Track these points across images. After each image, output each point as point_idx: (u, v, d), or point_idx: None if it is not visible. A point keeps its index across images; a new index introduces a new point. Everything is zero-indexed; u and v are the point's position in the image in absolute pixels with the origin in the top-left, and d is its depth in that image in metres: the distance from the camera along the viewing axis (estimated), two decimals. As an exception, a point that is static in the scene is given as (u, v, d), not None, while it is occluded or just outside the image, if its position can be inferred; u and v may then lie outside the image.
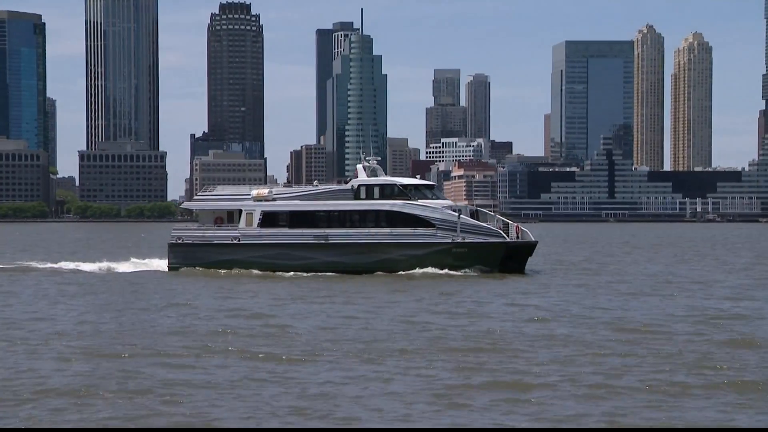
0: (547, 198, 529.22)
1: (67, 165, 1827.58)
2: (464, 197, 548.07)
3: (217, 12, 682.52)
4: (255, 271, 75.38)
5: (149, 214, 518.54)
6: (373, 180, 78.91)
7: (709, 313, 48.00)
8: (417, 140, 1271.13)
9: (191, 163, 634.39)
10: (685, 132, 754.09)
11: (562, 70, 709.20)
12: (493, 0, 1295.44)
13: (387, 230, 75.65)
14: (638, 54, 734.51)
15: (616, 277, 74.02)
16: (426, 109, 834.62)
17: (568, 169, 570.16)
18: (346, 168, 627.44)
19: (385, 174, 79.73)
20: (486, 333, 40.46)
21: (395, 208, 75.60)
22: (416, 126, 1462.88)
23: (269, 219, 78.21)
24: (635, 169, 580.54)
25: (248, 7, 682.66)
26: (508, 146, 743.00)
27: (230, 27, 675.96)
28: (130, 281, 69.79)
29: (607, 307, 50.91)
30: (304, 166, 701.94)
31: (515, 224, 77.54)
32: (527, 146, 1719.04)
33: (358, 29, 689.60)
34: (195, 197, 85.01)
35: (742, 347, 36.41)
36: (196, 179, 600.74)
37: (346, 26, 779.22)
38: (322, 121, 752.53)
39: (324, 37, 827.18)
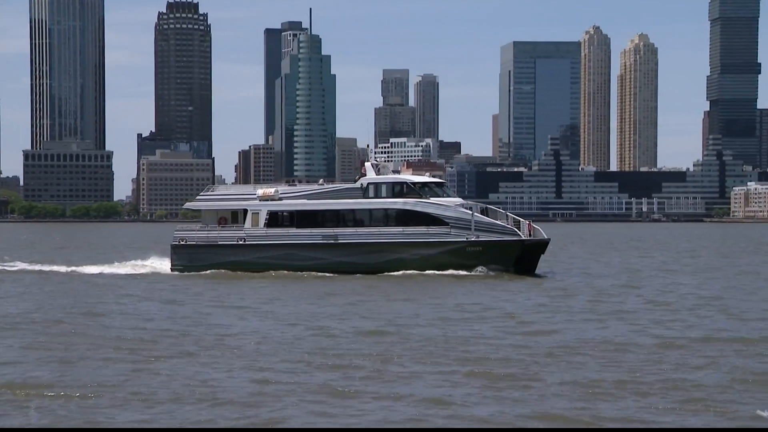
0: (495, 198, 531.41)
1: (11, 164, 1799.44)
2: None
3: (164, 11, 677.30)
4: (284, 272, 73.23)
5: (95, 214, 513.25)
6: (382, 178, 76.80)
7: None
8: (366, 140, 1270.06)
9: (138, 162, 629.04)
10: (631, 132, 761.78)
11: (510, 71, 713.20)
12: (441, 0, 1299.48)
13: (399, 229, 73.99)
14: (585, 55, 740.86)
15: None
16: (375, 109, 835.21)
17: (516, 169, 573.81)
18: (295, 168, 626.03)
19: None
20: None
21: (407, 207, 74.05)
22: (365, 126, 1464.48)
23: (276, 219, 76.45)
24: (582, 169, 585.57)
25: (196, 6, 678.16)
26: (456, 146, 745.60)
27: (178, 26, 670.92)
28: (171, 284, 66.50)
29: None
30: (252, 166, 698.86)
31: (527, 222, 75.97)
32: (475, 146, 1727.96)
33: (306, 29, 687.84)
34: (198, 197, 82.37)
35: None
36: (143, 179, 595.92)
37: (294, 26, 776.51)
38: (270, 120, 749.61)
39: (272, 37, 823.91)
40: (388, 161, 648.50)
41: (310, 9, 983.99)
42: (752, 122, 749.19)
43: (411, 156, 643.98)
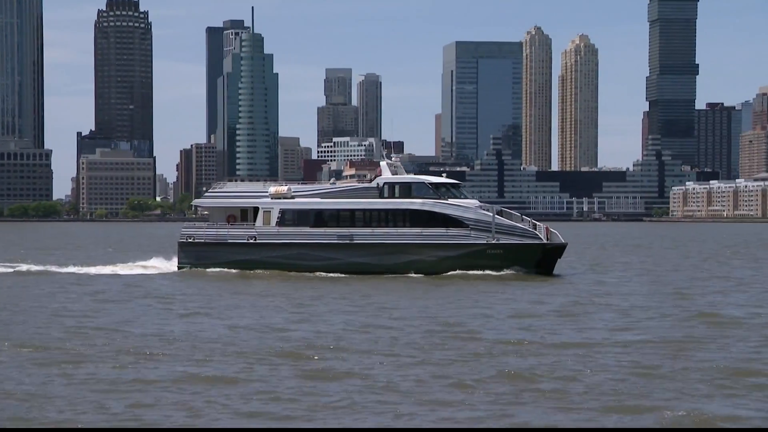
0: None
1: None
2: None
3: (104, 8, 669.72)
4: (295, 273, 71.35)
5: (33, 214, 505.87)
6: (400, 178, 75.29)
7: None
8: (308, 139, 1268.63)
9: (78, 161, 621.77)
10: (572, 132, 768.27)
11: (452, 71, 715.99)
12: (384, 0, 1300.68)
13: (417, 230, 72.18)
14: (527, 55, 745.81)
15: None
16: (317, 108, 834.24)
17: (458, 169, 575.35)
18: (237, 167, 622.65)
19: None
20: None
21: (425, 207, 72.44)
22: (308, 125, 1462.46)
23: (289, 217, 74.60)
24: (524, 169, 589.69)
25: (136, 4, 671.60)
26: (399, 146, 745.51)
27: (118, 24, 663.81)
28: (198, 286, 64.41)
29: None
30: (194, 165, 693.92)
31: (544, 225, 74.87)
32: (418, 146, 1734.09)
33: (248, 27, 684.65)
34: (206, 194, 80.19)
35: None
36: (83, 178, 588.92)
37: (236, 24, 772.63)
38: (212, 119, 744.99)
39: (214, 35, 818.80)
40: (331, 161, 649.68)
41: (252, 7, 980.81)
42: (691, 123, 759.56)
43: (354, 155, 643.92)
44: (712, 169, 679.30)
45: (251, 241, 74.61)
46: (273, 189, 76.45)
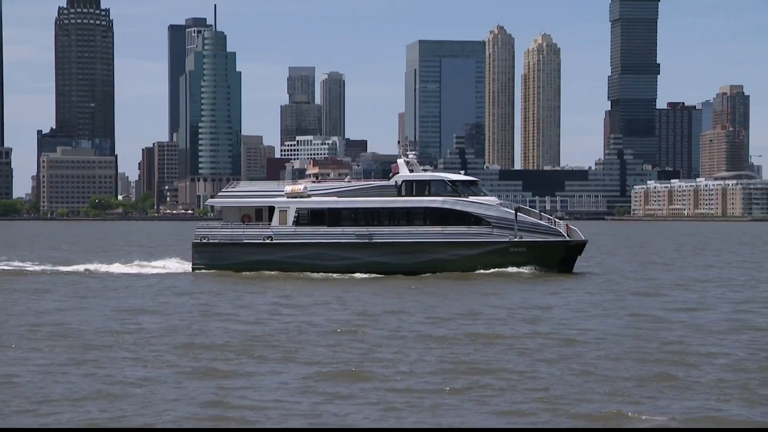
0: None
1: None
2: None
3: (64, 6, 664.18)
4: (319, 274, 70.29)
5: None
6: (419, 175, 73.88)
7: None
8: (272, 138, 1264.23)
9: (38, 159, 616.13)
10: (535, 131, 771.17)
11: (415, 69, 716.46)
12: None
13: (438, 228, 71.02)
14: (489, 54, 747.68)
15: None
16: (281, 106, 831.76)
17: (421, 168, 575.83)
18: (200, 165, 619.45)
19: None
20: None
21: (446, 205, 71.21)
22: (271, 124, 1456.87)
23: (306, 217, 73.18)
24: (487, 167, 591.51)
25: (97, 1, 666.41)
26: (362, 144, 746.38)
27: (79, 21, 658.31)
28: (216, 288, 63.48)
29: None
30: (156, 164, 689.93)
31: (564, 222, 74.05)
32: (382, 144, 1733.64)
33: (211, 25, 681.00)
34: (220, 193, 78.40)
35: None
36: (44, 176, 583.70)
37: (199, 22, 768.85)
38: (175, 118, 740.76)
39: (176, 33, 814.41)
40: (294, 159, 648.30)
41: (215, 5, 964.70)
42: (652, 122, 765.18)
43: (317, 154, 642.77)
44: (673, 168, 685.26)
45: (267, 241, 73.33)
46: (289, 188, 75.34)
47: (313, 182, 78.78)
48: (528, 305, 50.23)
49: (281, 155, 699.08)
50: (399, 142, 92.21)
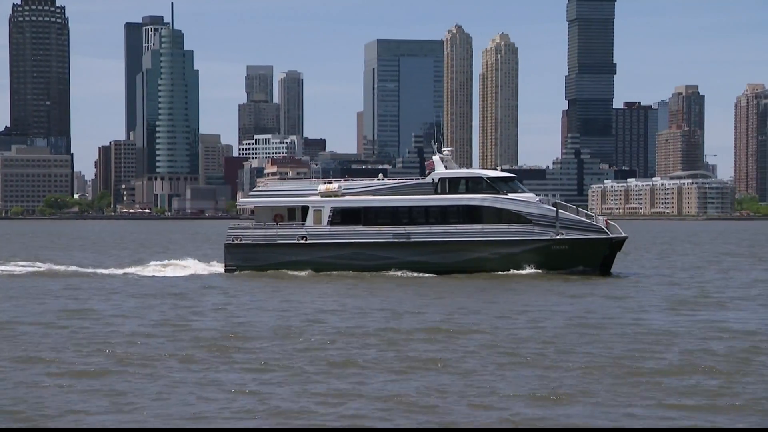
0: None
1: None
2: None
3: (19, 3, 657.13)
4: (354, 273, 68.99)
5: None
6: (456, 172, 72.65)
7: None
8: (230, 137, 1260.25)
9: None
10: (493, 131, 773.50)
11: (374, 69, 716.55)
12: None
13: (477, 227, 69.36)
14: (448, 54, 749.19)
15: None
16: (239, 105, 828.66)
17: (380, 167, 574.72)
18: (157, 164, 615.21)
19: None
20: None
21: (485, 203, 69.64)
22: (229, 122, 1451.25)
23: (341, 216, 71.65)
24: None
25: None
26: (321, 143, 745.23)
27: (34, 18, 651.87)
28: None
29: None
30: (113, 162, 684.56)
31: (603, 217, 72.23)
32: (340, 143, 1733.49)
33: (168, 23, 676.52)
34: (251, 192, 76.47)
35: None
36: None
37: (155, 20, 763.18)
38: (131, 116, 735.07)
39: (133, 31, 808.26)
40: (253, 158, 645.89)
41: (172, 3, 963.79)
42: (609, 121, 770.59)
43: (275, 153, 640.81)
44: (630, 168, 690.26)
45: (302, 241, 71.96)
46: (323, 187, 73.74)
47: (345, 180, 77.30)
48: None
49: (239, 154, 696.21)
50: (432, 141, 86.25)
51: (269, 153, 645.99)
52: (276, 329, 41.03)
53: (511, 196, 70.31)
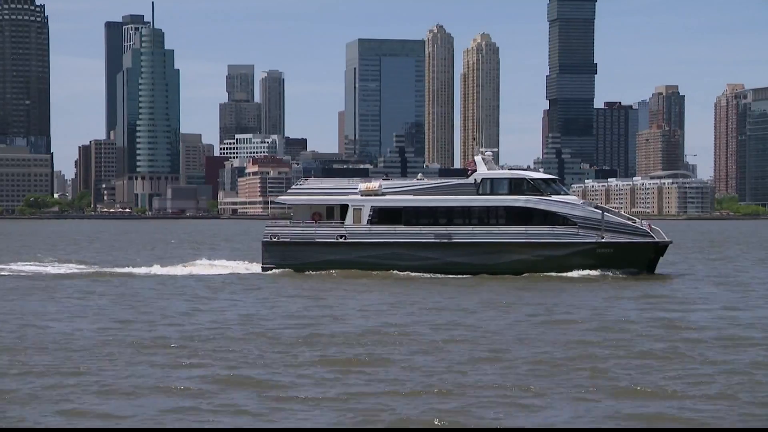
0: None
1: None
2: (259, 194, 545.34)
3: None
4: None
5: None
6: (499, 173, 72.06)
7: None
8: (211, 136, 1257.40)
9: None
10: (474, 130, 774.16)
11: (355, 68, 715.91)
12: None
13: (521, 228, 68.70)
14: (429, 53, 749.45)
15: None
16: (220, 104, 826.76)
17: (361, 166, 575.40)
18: (138, 164, 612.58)
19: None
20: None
21: (530, 204, 68.84)
22: (210, 122, 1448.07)
23: (381, 215, 71.14)
24: (427, 166, 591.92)
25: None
26: (302, 143, 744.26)
27: (13, 17, 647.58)
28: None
29: None
30: (93, 162, 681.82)
31: (646, 222, 71.93)
32: (322, 143, 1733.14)
33: (149, 23, 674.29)
34: (290, 190, 76.45)
35: None
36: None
37: (136, 19, 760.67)
38: (112, 115, 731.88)
39: (113, 30, 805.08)
40: (234, 158, 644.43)
41: (153, 2, 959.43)
42: (590, 121, 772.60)
43: (257, 152, 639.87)
44: (610, 167, 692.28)
45: (341, 240, 71.39)
46: (363, 186, 73.38)
47: (385, 179, 76.60)
48: None
49: (220, 153, 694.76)
50: (473, 139, 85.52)
51: (250, 153, 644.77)
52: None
53: (555, 198, 69.65)
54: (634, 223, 70.62)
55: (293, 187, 77.04)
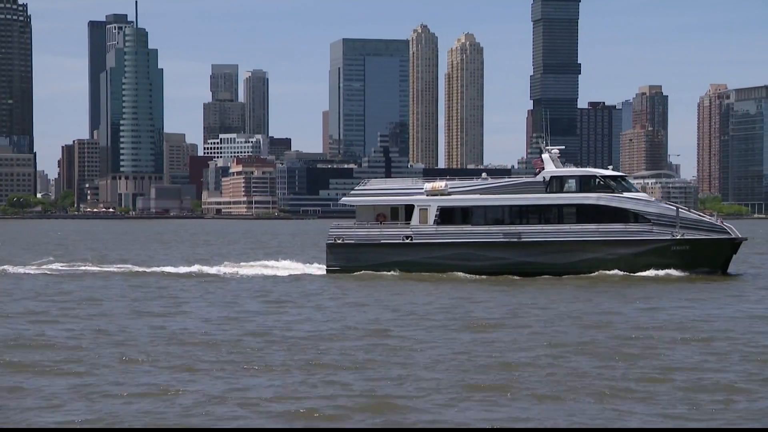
0: (326, 194, 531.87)
1: None
2: (243, 193, 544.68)
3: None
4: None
5: None
6: (568, 171, 71.33)
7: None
8: (195, 136, 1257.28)
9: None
10: (459, 130, 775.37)
11: (339, 68, 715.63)
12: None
13: (593, 226, 67.12)
14: (413, 53, 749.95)
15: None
16: (204, 104, 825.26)
17: (346, 166, 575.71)
18: (121, 163, 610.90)
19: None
20: None
21: (601, 202, 67.29)
22: (194, 121, 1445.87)
23: (448, 215, 69.88)
24: (411, 166, 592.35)
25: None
26: (286, 143, 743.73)
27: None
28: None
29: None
30: (76, 161, 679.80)
31: (718, 218, 70.75)
32: (306, 143, 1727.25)
33: (132, 22, 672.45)
34: (353, 191, 74.71)
35: None
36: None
37: (120, 18, 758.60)
38: (95, 115, 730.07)
39: (97, 30, 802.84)
40: (218, 157, 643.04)
41: (136, 2, 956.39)
42: (573, 121, 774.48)
43: (241, 152, 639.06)
44: (594, 167, 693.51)
45: (407, 241, 70.07)
46: (429, 185, 72.29)
47: (450, 179, 75.38)
48: None
49: (204, 153, 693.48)
50: (540, 138, 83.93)
51: (234, 152, 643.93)
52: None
53: (626, 195, 68.20)
54: (710, 219, 70.04)
55: (356, 188, 75.69)
